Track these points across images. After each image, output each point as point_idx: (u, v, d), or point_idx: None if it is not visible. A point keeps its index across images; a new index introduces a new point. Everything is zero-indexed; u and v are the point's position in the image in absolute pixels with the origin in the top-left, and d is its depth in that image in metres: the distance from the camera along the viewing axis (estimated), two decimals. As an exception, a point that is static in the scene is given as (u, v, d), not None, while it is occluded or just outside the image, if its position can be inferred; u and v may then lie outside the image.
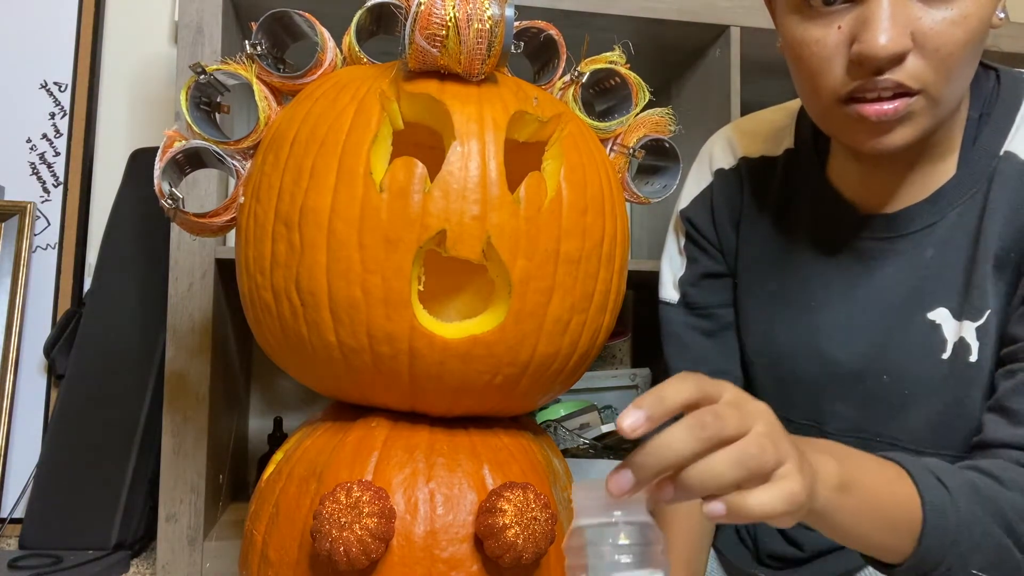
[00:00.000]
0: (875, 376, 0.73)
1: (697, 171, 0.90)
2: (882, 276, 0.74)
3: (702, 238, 0.88)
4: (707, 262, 0.88)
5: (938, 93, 0.63)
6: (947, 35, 0.61)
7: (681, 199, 0.91)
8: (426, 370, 0.67)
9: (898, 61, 0.61)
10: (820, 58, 0.64)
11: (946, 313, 0.70)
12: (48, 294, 1.46)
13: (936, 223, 0.72)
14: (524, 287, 0.67)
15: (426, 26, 0.65)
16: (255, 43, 0.74)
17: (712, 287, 0.88)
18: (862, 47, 0.61)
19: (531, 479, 0.69)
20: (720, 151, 0.88)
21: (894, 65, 0.62)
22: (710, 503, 0.47)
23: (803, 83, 0.68)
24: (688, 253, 0.89)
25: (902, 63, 0.62)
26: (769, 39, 1.28)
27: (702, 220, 0.87)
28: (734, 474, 0.46)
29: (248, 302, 0.74)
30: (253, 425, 1.49)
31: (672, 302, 0.90)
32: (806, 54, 0.65)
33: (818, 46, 0.64)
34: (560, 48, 0.79)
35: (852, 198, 0.77)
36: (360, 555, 0.59)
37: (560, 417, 1.31)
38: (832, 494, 0.53)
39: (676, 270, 0.90)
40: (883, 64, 0.61)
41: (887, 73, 0.62)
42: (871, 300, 0.74)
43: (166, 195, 0.75)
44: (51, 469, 1.27)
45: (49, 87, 1.49)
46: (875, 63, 0.61)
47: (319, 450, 0.70)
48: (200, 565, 1.11)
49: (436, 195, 0.65)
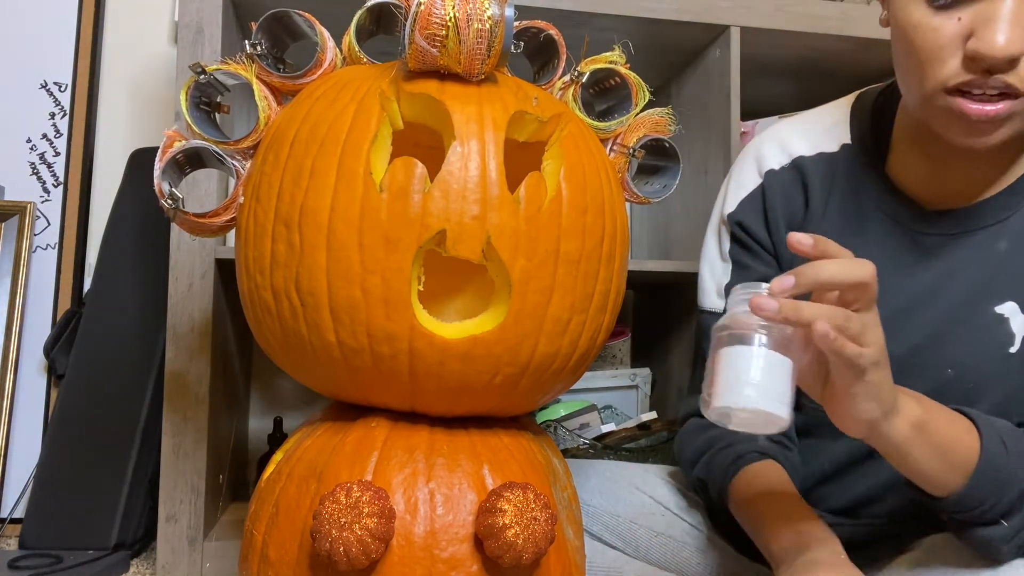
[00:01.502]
0: (938, 370, 0.74)
1: (740, 174, 0.88)
2: (946, 270, 0.74)
3: (753, 241, 0.85)
4: (759, 267, 0.85)
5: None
6: None
7: (726, 203, 0.88)
8: (426, 370, 0.67)
9: (1013, 64, 0.62)
10: (935, 46, 0.64)
11: (1014, 307, 0.71)
12: (48, 294, 1.46)
13: (1010, 216, 0.72)
14: (524, 287, 0.67)
15: (426, 26, 0.65)
16: (255, 43, 0.74)
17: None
18: (980, 45, 0.61)
19: (531, 479, 0.69)
20: (770, 152, 0.86)
21: (1008, 68, 0.62)
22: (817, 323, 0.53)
23: (910, 67, 0.67)
24: (734, 258, 0.87)
25: (1016, 66, 0.62)
26: (769, 39, 1.29)
27: (753, 221, 0.85)
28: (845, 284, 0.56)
29: (248, 302, 0.74)
30: (253, 425, 1.49)
31: (717, 311, 0.87)
32: (919, 39, 0.65)
33: (935, 34, 0.64)
34: (560, 48, 0.79)
35: (917, 193, 0.76)
36: (360, 555, 0.59)
37: (560, 417, 1.31)
38: (908, 429, 0.60)
39: (719, 277, 0.88)
40: (997, 64, 0.61)
41: (998, 73, 0.62)
42: (932, 292, 0.74)
43: (166, 195, 0.75)
44: (51, 469, 1.27)
45: (49, 87, 1.49)
46: (990, 62, 0.61)
47: (319, 450, 0.70)
48: (200, 565, 1.11)
49: (436, 195, 0.65)
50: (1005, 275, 0.71)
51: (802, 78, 1.47)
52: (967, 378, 0.73)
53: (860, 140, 0.81)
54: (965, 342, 0.72)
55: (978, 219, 0.73)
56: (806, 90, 1.50)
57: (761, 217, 0.85)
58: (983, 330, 0.72)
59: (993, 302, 0.72)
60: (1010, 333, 0.71)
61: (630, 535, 0.91)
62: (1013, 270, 0.71)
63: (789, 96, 1.54)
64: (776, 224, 0.84)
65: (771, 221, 0.84)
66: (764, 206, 0.85)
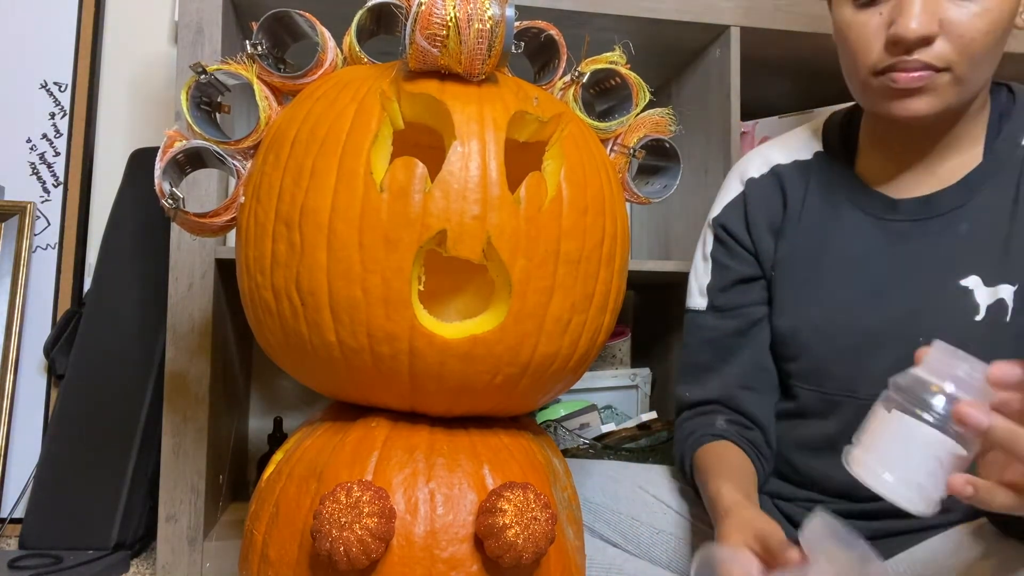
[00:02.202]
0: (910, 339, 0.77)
1: (727, 185, 0.97)
2: (915, 251, 0.82)
3: (735, 243, 0.93)
4: (739, 267, 0.92)
5: (962, 73, 0.74)
6: (969, 24, 0.73)
7: (712, 209, 0.96)
8: (426, 370, 0.67)
9: (926, 43, 0.73)
10: (863, 38, 0.77)
11: (977, 280, 0.79)
12: (48, 294, 1.46)
13: (967, 203, 0.81)
14: (524, 287, 0.67)
15: (426, 26, 0.65)
16: (255, 43, 0.74)
17: (743, 290, 0.92)
18: (896, 29, 0.73)
19: (531, 479, 0.69)
20: (752, 165, 0.95)
21: (922, 46, 0.73)
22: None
23: (848, 59, 0.80)
24: (716, 258, 0.94)
25: (930, 45, 0.73)
26: (769, 39, 1.29)
27: (735, 225, 0.93)
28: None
29: (248, 302, 0.74)
30: (253, 425, 1.49)
31: (700, 309, 0.94)
32: (852, 35, 0.78)
33: (863, 28, 0.77)
34: (560, 48, 0.79)
35: (882, 188, 0.86)
36: (360, 555, 0.60)
37: (560, 417, 1.31)
38: None
39: (700, 277, 0.95)
40: (912, 44, 0.73)
41: (916, 53, 0.73)
42: (904, 271, 0.82)
43: (166, 195, 0.75)
44: (51, 469, 1.27)
45: (49, 87, 1.49)
46: (906, 43, 0.73)
47: (319, 450, 0.70)
48: (200, 565, 1.11)
49: (436, 195, 0.65)
50: (967, 253, 0.80)
51: (802, 78, 1.47)
52: None
53: (831, 148, 0.91)
54: (935, 314, 0.79)
55: (937, 207, 0.82)
56: (806, 90, 1.50)
57: (743, 221, 0.93)
58: (951, 302, 0.79)
59: (958, 276, 0.79)
60: (975, 304, 0.78)
61: (631, 533, 0.92)
62: (974, 248, 0.80)
63: (789, 96, 1.54)
64: (757, 227, 0.92)
65: (752, 224, 0.92)
66: (745, 210, 0.93)
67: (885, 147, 0.86)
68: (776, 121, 1.38)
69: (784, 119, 1.37)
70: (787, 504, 0.89)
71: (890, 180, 0.86)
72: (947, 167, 0.83)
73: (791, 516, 0.87)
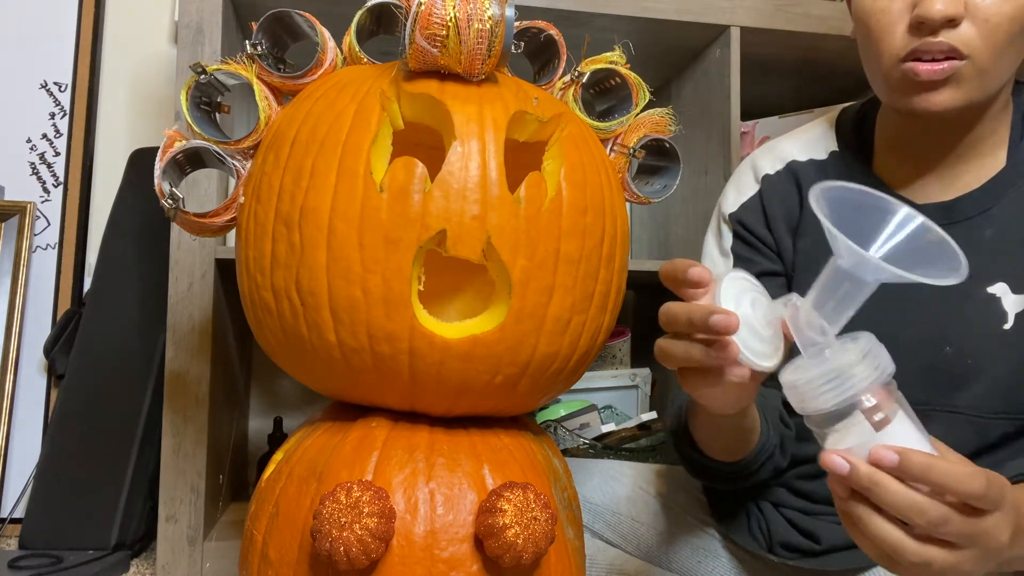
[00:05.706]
0: (936, 348, 0.77)
1: (739, 182, 0.92)
2: None
3: (755, 238, 0.89)
4: (763, 262, 0.88)
5: (984, 63, 0.71)
6: (996, 7, 0.70)
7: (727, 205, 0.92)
8: (426, 370, 0.67)
9: (951, 24, 0.70)
10: (886, 23, 0.74)
11: (1005, 287, 0.76)
12: (48, 294, 1.46)
13: (991, 208, 0.78)
14: (524, 287, 0.67)
15: (426, 26, 0.65)
16: (255, 43, 0.74)
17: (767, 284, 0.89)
18: (920, 10, 0.71)
19: (531, 479, 0.69)
20: (765, 160, 0.91)
21: (947, 27, 0.70)
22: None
23: (870, 48, 0.77)
24: (738, 253, 0.90)
25: (955, 27, 0.71)
26: (769, 39, 1.29)
27: (754, 222, 0.89)
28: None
29: (248, 302, 0.74)
30: (253, 425, 1.49)
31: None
32: (873, 22, 0.75)
33: (884, 14, 0.74)
34: (560, 48, 0.79)
35: (903, 191, 0.82)
36: (360, 555, 0.60)
37: (560, 417, 1.31)
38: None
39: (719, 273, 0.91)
40: (937, 25, 0.70)
41: (941, 35, 0.71)
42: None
43: (166, 195, 0.75)
44: (51, 469, 1.27)
45: (49, 87, 1.49)
46: (931, 24, 0.70)
47: (319, 450, 0.70)
48: (200, 565, 1.11)
49: (436, 195, 0.65)
50: (993, 259, 0.77)
51: (802, 78, 1.47)
52: (965, 355, 0.76)
53: (847, 147, 0.88)
54: (961, 321, 0.77)
55: (961, 211, 0.79)
56: (806, 90, 1.51)
57: (762, 218, 0.89)
58: (977, 310, 0.76)
59: (985, 284, 0.76)
60: (1003, 311, 0.76)
61: (632, 533, 0.91)
62: (1000, 254, 0.77)
63: (789, 96, 1.54)
64: (776, 225, 0.88)
65: (771, 222, 0.88)
66: (763, 208, 0.89)
67: (902, 148, 0.83)
68: (776, 121, 1.38)
69: (784, 119, 1.37)
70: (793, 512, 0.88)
71: (910, 183, 0.82)
72: (969, 171, 0.80)
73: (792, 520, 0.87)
